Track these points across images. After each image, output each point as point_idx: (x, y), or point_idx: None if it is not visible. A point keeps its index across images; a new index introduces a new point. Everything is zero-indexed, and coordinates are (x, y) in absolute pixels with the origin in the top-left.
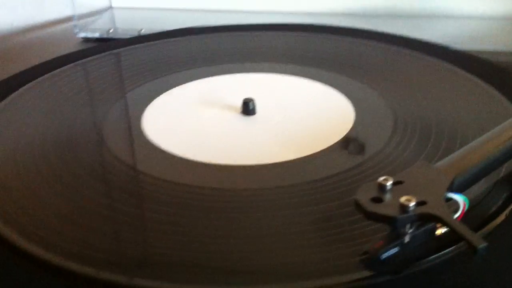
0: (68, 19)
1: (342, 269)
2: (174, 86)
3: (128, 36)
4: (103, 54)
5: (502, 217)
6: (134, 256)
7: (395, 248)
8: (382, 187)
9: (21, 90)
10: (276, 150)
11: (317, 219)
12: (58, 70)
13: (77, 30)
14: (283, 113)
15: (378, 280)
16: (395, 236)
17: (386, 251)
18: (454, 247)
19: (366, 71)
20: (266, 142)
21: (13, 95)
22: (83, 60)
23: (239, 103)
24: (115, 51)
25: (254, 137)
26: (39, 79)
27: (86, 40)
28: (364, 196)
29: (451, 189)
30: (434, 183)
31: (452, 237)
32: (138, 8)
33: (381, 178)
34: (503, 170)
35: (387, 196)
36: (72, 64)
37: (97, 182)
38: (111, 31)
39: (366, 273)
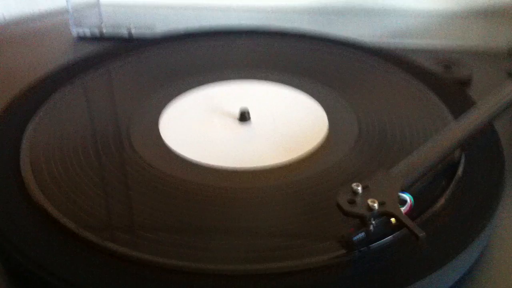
0: (59, 12)
1: (324, 249)
2: (185, 91)
3: (119, 34)
4: (121, 57)
5: (442, 200)
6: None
7: (362, 233)
8: (354, 191)
9: (56, 93)
10: (267, 154)
11: (304, 211)
12: (85, 73)
13: (73, 27)
14: (271, 119)
15: (351, 256)
16: (362, 225)
17: (356, 235)
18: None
19: (337, 78)
20: (259, 146)
21: (51, 98)
22: (106, 64)
23: (236, 110)
24: (131, 53)
25: (249, 142)
26: (69, 83)
27: (81, 38)
28: (342, 198)
29: (402, 190)
30: (390, 186)
31: (402, 226)
32: (125, 4)
33: (354, 184)
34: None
35: (358, 198)
36: (96, 67)
37: (121, 175)
38: (104, 29)
39: (342, 251)
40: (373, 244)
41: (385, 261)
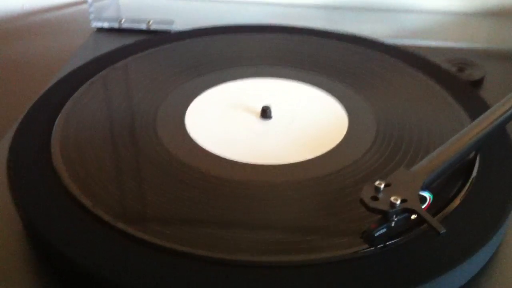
0: (78, 3)
1: (347, 243)
2: (209, 87)
3: (137, 27)
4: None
5: (457, 201)
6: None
7: (384, 229)
8: (377, 188)
9: (84, 87)
10: (287, 152)
11: (323, 207)
12: (118, 63)
13: (92, 19)
14: (292, 117)
15: (373, 251)
16: (384, 221)
17: (378, 231)
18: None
19: (355, 76)
20: (279, 143)
21: (82, 87)
22: (132, 58)
23: (258, 106)
24: (157, 48)
25: (270, 139)
26: (101, 73)
27: (100, 29)
28: (366, 195)
29: (422, 188)
30: (411, 184)
31: (422, 222)
32: None
33: (377, 182)
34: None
35: (381, 195)
36: (124, 61)
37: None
38: (122, 21)
39: (365, 246)
40: (393, 241)
41: (404, 257)
